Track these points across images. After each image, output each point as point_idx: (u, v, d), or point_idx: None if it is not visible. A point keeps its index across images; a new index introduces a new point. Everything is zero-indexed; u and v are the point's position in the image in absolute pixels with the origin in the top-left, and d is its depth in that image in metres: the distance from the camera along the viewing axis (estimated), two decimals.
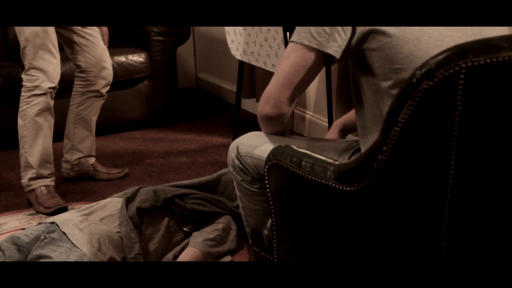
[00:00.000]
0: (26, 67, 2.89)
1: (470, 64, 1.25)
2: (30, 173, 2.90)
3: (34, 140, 2.91)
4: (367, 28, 1.59)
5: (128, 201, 2.38)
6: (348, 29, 1.61)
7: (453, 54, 1.26)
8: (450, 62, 1.26)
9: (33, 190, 2.91)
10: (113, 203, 2.42)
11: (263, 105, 1.77)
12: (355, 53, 1.64)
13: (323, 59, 1.68)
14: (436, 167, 1.37)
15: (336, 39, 1.63)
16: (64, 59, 3.75)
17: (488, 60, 1.26)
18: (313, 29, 1.64)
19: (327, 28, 1.63)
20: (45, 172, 2.93)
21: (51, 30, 2.88)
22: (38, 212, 2.86)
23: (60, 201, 2.88)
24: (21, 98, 2.92)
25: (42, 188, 2.91)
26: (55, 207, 2.84)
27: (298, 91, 1.75)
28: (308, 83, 1.76)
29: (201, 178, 2.69)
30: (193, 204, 2.48)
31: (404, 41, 1.55)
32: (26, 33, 2.83)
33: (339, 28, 1.62)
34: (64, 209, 2.84)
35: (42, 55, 2.85)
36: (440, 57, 1.27)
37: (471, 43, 1.28)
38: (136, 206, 2.33)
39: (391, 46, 1.56)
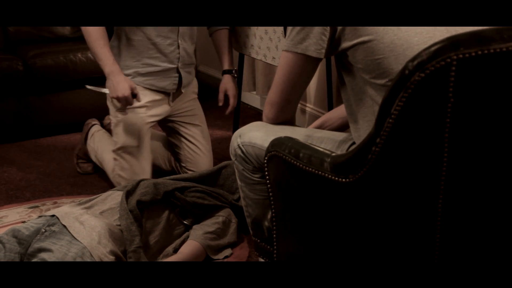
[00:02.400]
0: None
1: (461, 56, 1.26)
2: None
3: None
4: None
5: (128, 194, 2.38)
6: (327, 28, 1.64)
7: (445, 46, 1.27)
8: (441, 54, 1.26)
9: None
10: (113, 196, 2.43)
11: (268, 110, 1.88)
12: (338, 50, 1.67)
13: (313, 62, 1.73)
14: (429, 158, 1.38)
15: (318, 41, 1.67)
16: (63, 51, 3.77)
17: (480, 52, 1.26)
18: (297, 35, 1.69)
19: (309, 32, 1.67)
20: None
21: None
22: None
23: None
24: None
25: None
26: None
27: (298, 94, 1.84)
28: (306, 85, 1.83)
29: (201, 171, 2.69)
30: (193, 197, 2.48)
31: (384, 31, 1.56)
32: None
33: (320, 29, 1.65)
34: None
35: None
36: (432, 49, 1.27)
37: (462, 35, 1.28)
38: (136, 199, 2.34)
39: (372, 39, 1.58)
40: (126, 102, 2.65)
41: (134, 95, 2.66)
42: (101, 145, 3.05)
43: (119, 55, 2.80)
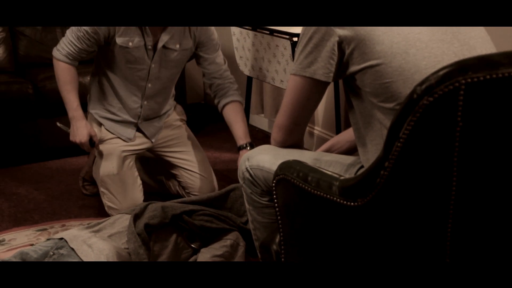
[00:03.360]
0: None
1: (469, 80, 1.26)
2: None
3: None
4: (354, 47, 1.61)
5: (136, 217, 2.38)
6: (335, 53, 1.65)
7: (453, 70, 1.27)
8: (450, 78, 1.27)
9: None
10: (121, 220, 2.43)
11: (276, 133, 1.88)
12: (346, 73, 1.67)
13: (321, 86, 1.73)
14: (438, 182, 1.37)
15: (326, 65, 1.67)
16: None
17: (488, 76, 1.26)
18: (305, 59, 1.70)
19: (317, 56, 1.68)
20: None
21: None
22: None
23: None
24: None
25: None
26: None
27: (306, 117, 1.84)
28: (314, 108, 1.84)
29: (209, 194, 2.69)
30: (201, 221, 2.48)
31: (392, 55, 1.57)
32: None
33: (328, 53, 1.65)
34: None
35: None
36: (440, 73, 1.27)
37: (470, 59, 1.28)
38: (144, 222, 2.34)
39: (380, 62, 1.58)
40: (84, 147, 2.75)
41: (93, 143, 2.75)
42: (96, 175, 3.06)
43: (91, 92, 2.90)
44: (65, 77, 2.71)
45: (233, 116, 2.89)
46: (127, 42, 2.66)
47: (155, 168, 3.17)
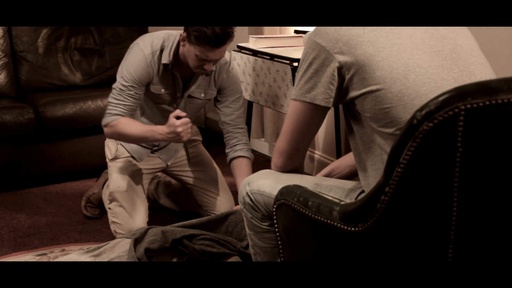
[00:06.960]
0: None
1: (469, 106, 1.27)
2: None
3: None
4: (354, 73, 1.62)
5: (137, 242, 2.37)
6: (335, 78, 1.65)
7: (453, 96, 1.28)
8: (449, 104, 1.27)
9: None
10: (121, 244, 2.42)
11: (276, 158, 1.88)
12: (346, 99, 1.68)
13: (321, 111, 1.74)
14: (439, 207, 1.38)
15: (327, 91, 1.68)
16: (74, 99, 3.80)
17: (487, 102, 1.27)
18: (305, 85, 1.71)
19: (317, 81, 1.69)
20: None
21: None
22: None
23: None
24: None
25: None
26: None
27: (306, 142, 1.84)
28: (314, 133, 1.84)
29: (209, 217, 2.68)
30: (202, 245, 2.48)
31: (392, 81, 1.57)
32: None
33: (328, 78, 1.66)
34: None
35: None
36: (440, 99, 1.28)
37: (470, 85, 1.29)
38: (145, 247, 2.33)
39: (380, 88, 1.59)
40: (185, 127, 2.56)
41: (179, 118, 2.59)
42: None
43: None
44: (128, 122, 2.65)
45: (240, 171, 2.91)
46: (160, 89, 2.73)
47: (176, 191, 3.20)
